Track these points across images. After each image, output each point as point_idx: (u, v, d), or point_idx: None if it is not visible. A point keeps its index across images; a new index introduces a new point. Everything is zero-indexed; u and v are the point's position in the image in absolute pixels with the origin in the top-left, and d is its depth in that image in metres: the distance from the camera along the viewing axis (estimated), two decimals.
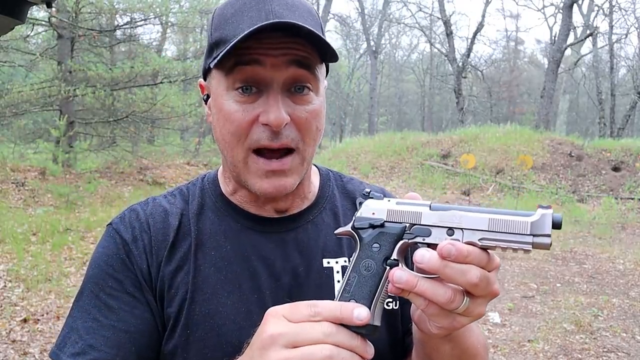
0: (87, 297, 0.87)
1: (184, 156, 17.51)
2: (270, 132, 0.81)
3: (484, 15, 25.86)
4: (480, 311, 0.67)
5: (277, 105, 0.79)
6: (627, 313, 5.45)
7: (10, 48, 12.97)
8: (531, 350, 4.52)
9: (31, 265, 5.94)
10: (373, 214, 0.72)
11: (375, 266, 0.69)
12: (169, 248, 0.88)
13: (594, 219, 11.08)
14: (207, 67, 0.86)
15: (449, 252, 0.63)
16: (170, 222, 0.91)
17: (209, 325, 0.85)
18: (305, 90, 0.83)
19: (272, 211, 0.93)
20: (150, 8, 13.07)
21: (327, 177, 1.02)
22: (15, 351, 4.01)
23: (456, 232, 0.66)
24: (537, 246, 0.64)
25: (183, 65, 13.52)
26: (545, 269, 7.06)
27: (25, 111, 12.54)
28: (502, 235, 0.64)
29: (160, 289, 0.87)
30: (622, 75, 35.69)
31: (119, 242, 0.88)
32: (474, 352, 0.82)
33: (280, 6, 0.81)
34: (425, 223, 0.69)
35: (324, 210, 0.97)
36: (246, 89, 0.81)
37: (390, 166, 16.22)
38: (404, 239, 0.70)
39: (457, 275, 0.63)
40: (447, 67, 31.23)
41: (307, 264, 0.90)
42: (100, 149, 13.73)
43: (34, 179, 10.37)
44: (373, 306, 0.68)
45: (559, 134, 20.82)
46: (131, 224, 0.90)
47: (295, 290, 0.88)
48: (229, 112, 0.82)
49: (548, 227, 0.64)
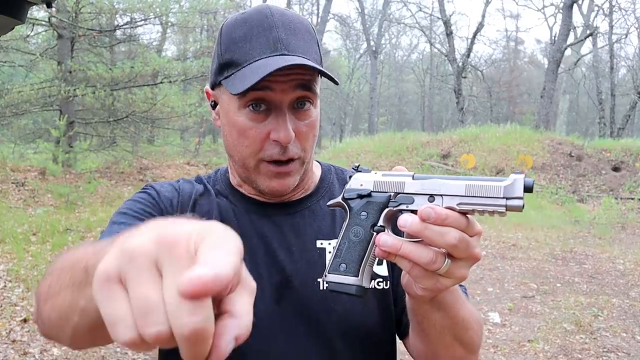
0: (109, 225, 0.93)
1: (184, 156, 17.51)
2: (280, 148, 0.92)
3: (484, 15, 25.86)
4: (462, 273, 0.71)
5: (286, 124, 0.90)
6: (627, 313, 5.45)
7: (10, 48, 12.97)
8: (531, 350, 4.52)
9: (31, 265, 5.94)
10: (361, 185, 0.78)
11: (363, 232, 0.76)
12: (191, 205, 1.01)
13: (594, 219, 11.08)
14: (218, 82, 0.95)
15: (428, 215, 0.67)
16: (194, 193, 1.04)
17: None
18: (306, 105, 0.94)
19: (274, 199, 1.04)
20: (150, 8, 13.06)
21: (328, 170, 1.12)
22: (15, 351, 4.01)
23: (436, 198, 0.72)
24: (510, 208, 0.68)
25: (183, 65, 13.52)
26: (545, 269, 7.06)
27: (25, 111, 12.54)
28: (478, 200, 0.69)
29: None
30: (622, 75, 35.71)
31: (152, 192, 1.01)
32: (466, 325, 0.86)
33: (285, 32, 0.91)
34: (408, 191, 0.74)
35: (322, 199, 1.06)
36: (256, 106, 0.91)
37: (390, 166, 16.20)
38: (389, 206, 0.75)
39: (436, 237, 0.67)
40: (447, 67, 31.23)
41: (301, 244, 1.00)
42: (100, 149, 13.73)
43: (34, 179, 10.37)
44: (362, 269, 0.74)
45: (559, 134, 20.82)
46: (162, 186, 1.05)
47: (288, 266, 0.97)
48: (243, 128, 0.93)
49: (520, 190, 0.68)
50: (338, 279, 0.75)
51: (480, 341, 0.92)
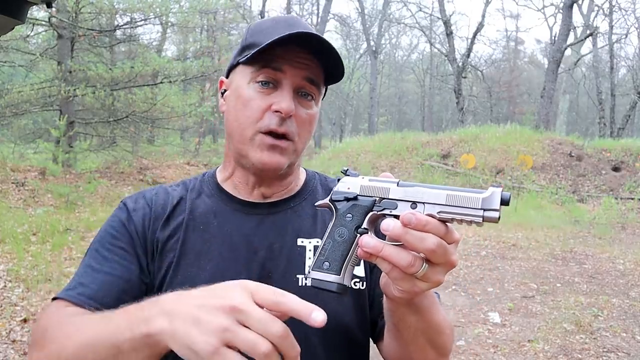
0: (89, 253, 1.02)
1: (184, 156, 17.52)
2: (279, 119, 0.97)
3: (484, 15, 25.86)
4: (438, 279, 0.74)
5: (289, 98, 0.97)
6: (627, 313, 5.45)
7: (10, 48, 12.96)
8: (531, 350, 4.52)
9: (31, 265, 5.94)
10: (348, 188, 0.82)
11: (347, 233, 0.79)
12: (164, 219, 1.04)
13: (594, 219, 11.08)
14: (235, 63, 1.03)
15: (410, 220, 0.71)
16: (170, 200, 1.08)
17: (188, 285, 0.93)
18: (309, 97, 1.01)
19: (259, 196, 1.07)
20: (150, 8, 13.06)
21: (313, 176, 1.17)
22: (15, 351, 4.01)
23: (419, 205, 0.75)
24: (487, 219, 0.72)
25: (183, 65, 13.52)
26: (545, 269, 7.06)
27: (25, 111, 12.53)
28: (457, 209, 0.73)
29: (152, 251, 1.02)
30: (622, 75, 35.71)
31: (124, 210, 1.05)
32: (439, 329, 0.89)
33: (307, 30, 0.98)
34: (392, 197, 0.78)
35: (305, 201, 1.10)
36: (265, 84, 0.99)
37: (390, 166, 16.23)
38: (373, 210, 0.79)
39: (416, 242, 0.71)
40: (447, 67, 31.23)
41: (282, 242, 1.03)
42: (100, 149, 13.74)
43: (34, 179, 10.37)
44: (344, 268, 0.78)
45: (559, 134, 20.82)
46: (137, 199, 1.08)
47: (268, 262, 1.01)
48: (248, 99, 0.99)
49: (497, 203, 0.72)
50: (321, 276, 0.78)
51: (452, 346, 0.96)
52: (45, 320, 0.93)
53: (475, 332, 4.85)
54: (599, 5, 25.97)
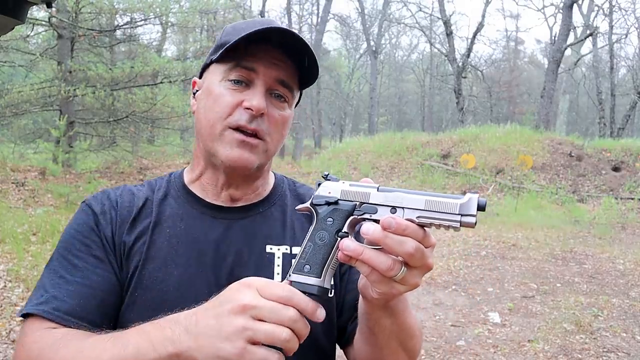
0: (56, 260, 0.99)
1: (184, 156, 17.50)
2: (249, 116, 0.96)
3: (484, 15, 25.85)
4: (415, 281, 0.76)
5: (261, 96, 0.96)
6: (627, 313, 5.45)
7: (10, 48, 12.96)
8: (531, 350, 4.52)
9: (31, 265, 5.94)
10: (329, 193, 0.83)
11: (328, 237, 0.80)
12: (130, 222, 1.01)
13: (594, 219, 11.08)
14: (209, 62, 1.02)
15: (390, 224, 0.72)
16: (136, 202, 1.04)
17: (155, 290, 0.96)
18: (282, 98, 1.00)
19: (227, 200, 1.05)
20: (150, 8, 13.05)
21: (281, 180, 1.16)
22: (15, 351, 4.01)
23: (398, 210, 0.77)
24: (464, 224, 0.74)
25: (183, 65, 13.51)
26: (545, 269, 7.06)
27: (25, 111, 12.53)
28: (435, 214, 0.75)
29: (120, 255, 0.99)
30: (622, 75, 35.71)
31: (90, 213, 1.01)
32: (411, 332, 0.92)
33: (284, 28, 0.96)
34: (372, 202, 0.79)
35: (274, 206, 1.09)
36: (237, 82, 0.97)
37: (390, 166, 16.22)
38: (354, 214, 0.80)
39: (395, 246, 0.72)
40: (447, 67, 31.23)
41: (251, 248, 1.01)
42: (100, 149, 13.73)
43: (34, 179, 10.37)
44: (324, 271, 0.79)
45: (559, 134, 20.82)
46: (102, 201, 1.03)
47: (236, 269, 0.99)
48: (218, 95, 0.97)
49: (474, 208, 0.73)
50: (301, 279, 0.78)
51: (420, 349, 0.98)
52: (32, 346, 0.88)
53: (475, 332, 4.85)
54: (599, 5, 25.98)
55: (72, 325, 0.90)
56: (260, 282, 0.74)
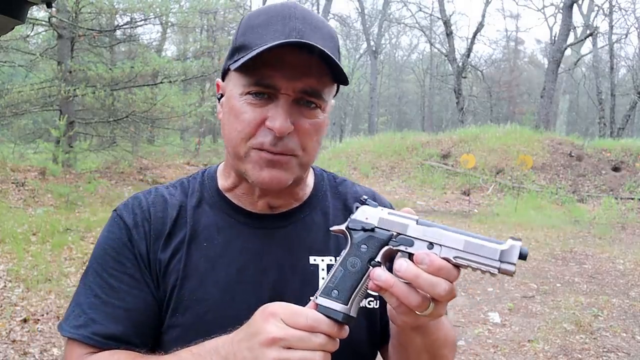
0: (91, 276, 0.95)
1: (184, 156, 17.52)
2: (273, 137, 0.87)
3: (484, 15, 25.87)
4: (440, 312, 0.76)
5: (285, 114, 0.86)
6: (627, 313, 5.45)
7: (10, 48, 12.96)
8: (531, 350, 4.52)
9: (31, 265, 5.94)
10: (366, 218, 0.81)
11: (360, 264, 0.78)
12: (165, 237, 0.96)
13: (594, 219, 11.08)
14: (227, 68, 0.92)
15: (422, 260, 0.72)
16: (169, 212, 0.98)
17: (194, 311, 0.92)
18: (312, 105, 0.89)
19: (265, 207, 0.99)
20: (150, 8, 13.06)
21: (321, 178, 1.08)
22: (15, 351, 4.01)
23: (435, 246, 0.75)
24: (502, 271, 0.72)
25: (183, 65, 13.52)
26: (545, 269, 7.06)
27: (25, 111, 12.53)
28: (474, 257, 0.73)
29: (156, 274, 0.95)
30: (622, 75, 35.71)
31: (122, 226, 0.96)
32: (442, 344, 0.90)
33: (305, 25, 0.87)
34: (410, 234, 0.77)
35: (315, 210, 1.02)
36: (259, 94, 0.87)
37: (390, 166, 16.23)
38: (389, 245, 0.78)
39: (427, 287, 0.71)
40: (447, 67, 31.23)
41: (293, 260, 0.96)
42: (100, 149, 13.74)
43: (34, 179, 10.37)
44: (352, 298, 0.77)
45: (559, 134, 20.82)
46: (134, 211, 0.98)
47: (279, 284, 0.94)
48: (239, 112, 0.88)
49: (515, 256, 0.71)
50: (328, 303, 0.76)
51: (453, 358, 0.97)
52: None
53: (475, 332, 4.85)
54: (599, 5, 25.99)
55: (113, 348, 0.91)
56: (285, 312, 0.74)
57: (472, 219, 10.70)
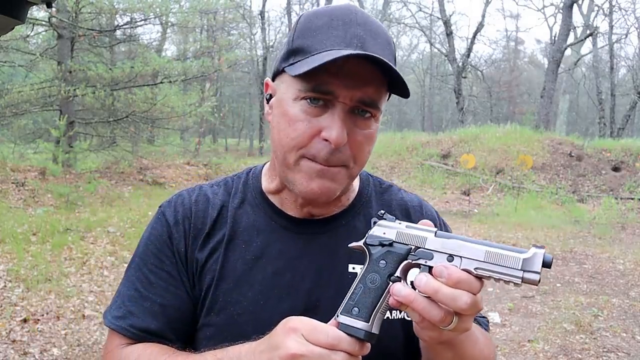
0: (134, 269, 0.98)
1: (184, 156, 17.50)
2: (328, 149, 0.85)
3: (484, 15, 25.86)
4: (466, 327, 0.74)
5: (342, 125, 0.84)
6: (627, 313, 5.45)
7: (10, 48, 12.96)
8: (531, 350, 4.52)
9: (31, 265, 5.94)
10: (384, 233, 0.80)
11: (379, 280, 0.77)
12: (204, 236, 0.97)
13: (594, 219, 11.08)
14: (281, 70, 0.89)
15: (441, 273, 0.70)
16: (210, 212, 0.99)
17: (229, 312, 0.93)
18: (367, 114, 0.88)
19: (307, 214, 0.98)
20: (150, 8, 13.06)
21: (367, 182, 1.06)
22: (15, 351, 4.01)
23: (455, 259, 0.73)
24: (526, 281, 0.70)
25: (183, 65, 13.52)
26: (545, 269, 7.05)
27: (25, 111, 12.54)
28: (495, 267, 0.71)
29: (192, 272, 0.96)
30: (622, 75, 35.70)
31: (164, 223, 0.98)
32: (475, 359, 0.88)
33: (365, 32, 0.85)
34: (429, 247, 0.76)
35: (358, 216, 1.00)
36: (314, 100, 0.85)
37: (390, 166, 16.22)
38: (408, 259, 0.77)
39: (448, 301, 0.69)
40: (447, 67, 31.23)
41: (332, 267, 0.95)
42: (100, 149, 13.73)
43: (34, 179, 10.37)
44: (373, 315, 0.75)
45: (559, 134, 20.82)
46: (176, 208, 1.00)
47: (315, 291, 0.93)
48: (294, 119, 0.86)
49: (538, 265, 0.70)
50: (349, 321, 0.75)
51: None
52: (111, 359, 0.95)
53: None
54: (599, 5, 25.98)
55: (148, 341, 0.94)
56: (306, 327, 0.73)
57: (472, 219, 10.70)
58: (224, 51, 14.69)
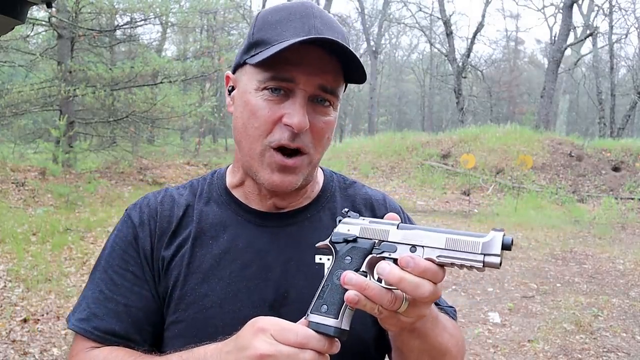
0: (99, 272, 0.98)
1: (184, 156, 17.52)
2: (290, 133, 0.88)
3: (484, 15, 25.85)
4: (421, 313, 0.76)
5: (302, 111, 0.87)
6: (627, 313, 5.45)
7: (10, 48, 12.96)
8: (531, 350, 4.52)
9: (31, 265, 5.94)
10: (348, 230, 0.81)
11: None
12: (170, 234, 0.98)
13: (594, 219, 11.08)
14: (242, 62, 0.93)
15: (407, 263, 0.70)
16: (176, 211, 1.00)
17: (198, 306, 0.93)
18: (326, 103, 0.91)
19: (272, 206, 0.99)
20: (150, 8, 13.06)
21: (331, 179, 1.08)
22: (15, 351, 4.01)
23: (418, 249, 0.74)
24: (487, 264, 0.70)
25: (183, 65, 13.51)
26: (545, 269, 7.06)
27: (25, 111, 12.53)
28: (456, 254, 0.71)
29: (158, 270, 0.96)
30: (622, 75, 35.71)
31: (130, 225, 0.99)
32: (443, 350, 0.89)
33: (322, 24, 0.90)
34: (391, 240, 0.77)
35: (323, 210, 1.02)
36: (275, 90, 0.88)
37: (390, 166, 16.22)
38: (372, 253, 0.77)
39: (411, 289, 0.70)
40: (447, 67, 31.23)
41: (299, 258, 0.96)
42: (100, 149, 13.74)
43: (34, 179, 10.37)
44: (342, 312, 0.76)
45: (559, 134, 20.82)
46: (142, 209, 1.01)
47: (283, 282, 0.94)
48: (256, 108, 0.89)
49: (497, 247, 0.70)
50: (319, 319, 0.76)
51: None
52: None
53: (475, 332, 4.85)
54: (599, 5, 25.98)
55: (113, 344, 0.93)
56: (275, 327, 0.74)
57: (472, 219, 10.70)
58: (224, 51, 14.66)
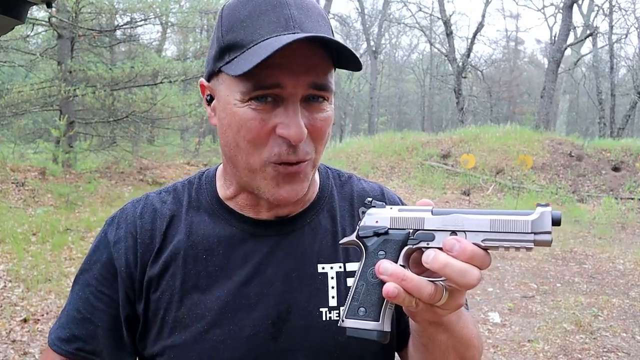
0: (78, 286, 0.93)
1: (184, 156, 17.51)
2: (288, 146, 0.78)
3: (484, 15, 25.83)
4: (460, 303, 0.69)
5: (297, 119, 0.76)
6: (627, 313, 5.45)
7: (10, 48, 12.96)
8: (531, 350, 4.52)
9: (31, 265, 5.94)
10: (376, 222, 0.73)
11: None
12: (155, 252, 0.89)
13: (594, 219, 11.08)
14: (217, 70, 0.81)
15: (452, 247, 0.64)
16: (159, 224, 0.91)
17: (195, 329, 0.86)
18: (320, 99, 0.80)
19: (270, 216, 0.91)
20: (150, 8, 13.06)
21: (327, 176, 0.99)
22: (15, 351, 4.01)
23: (459, 234, 0.67)
24: (539, 243, 0.64)
25: (183, 65, 13.51)
26: (545, 269, 7.06)
27: (25, 111, 12.53)
28: (504, 235, 0.65)
29: (145, 291, 0.89)
30: (622, 75, 35.70)
31: (105, 244, 0.92)
32: (468, 342, 0.83)
33: (298, 10, 0.77)
34: (428, 228, 0.69)
35: (322, 213, 0.94)
36: (262, 98, 0.77)
37: (390, 166, 16.22)
38: (408, 244, 0.70)
39: (457, 276, 0.63)
40: (447, 67, 31.22)
41: (300, 269, 0.88)
42: (100, 149, 13.74)
43: (34, 179, 10.37)
44: (382, 312, 0.69)
45: (559, 134, 20.82)
46: (119, 225, 0.92)
47: (286, 296, 0.87)
48: (245, 119, 0.78)
49: (548, 224, 0.65)
50: (357, 324, 0.69)
51: (480, 357, 0.90)
52: None
53: None
54: (599, 5, 25.97)
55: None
56: None
57: None
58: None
